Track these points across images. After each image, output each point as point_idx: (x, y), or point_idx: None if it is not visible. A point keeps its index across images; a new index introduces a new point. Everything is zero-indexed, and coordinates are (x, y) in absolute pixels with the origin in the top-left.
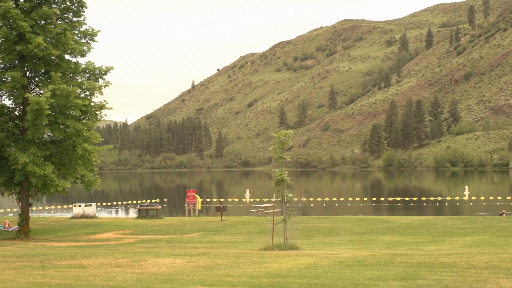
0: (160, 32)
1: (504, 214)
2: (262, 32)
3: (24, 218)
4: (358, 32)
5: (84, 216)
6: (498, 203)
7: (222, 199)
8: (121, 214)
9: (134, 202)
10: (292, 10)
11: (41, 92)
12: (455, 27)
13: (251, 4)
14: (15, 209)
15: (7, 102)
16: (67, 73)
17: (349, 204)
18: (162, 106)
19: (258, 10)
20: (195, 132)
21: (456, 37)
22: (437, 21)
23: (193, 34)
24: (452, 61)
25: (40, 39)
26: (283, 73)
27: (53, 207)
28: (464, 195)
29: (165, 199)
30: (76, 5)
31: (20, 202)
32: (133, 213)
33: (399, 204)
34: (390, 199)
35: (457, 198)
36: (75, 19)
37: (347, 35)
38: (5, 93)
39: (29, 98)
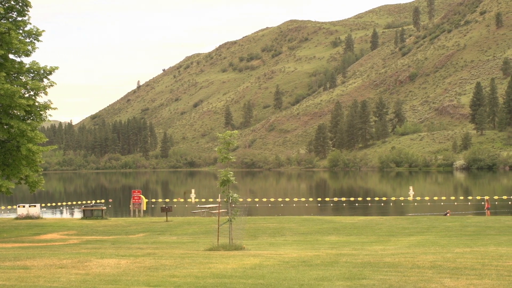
0: (105, 32)
1: (448, 214)
2: (207, 32)
3: None
4: (303, 32)
5: (28, 217)
6: (442, 203)
7: (167, 200)
8: (66, 214)
9: (79, 202)
10: (238, 10)
11: None
12: (400, 28)
13: (197, 4)
14: None
15: None
16: (11, 72)
17: (294, 205)
18: (107, 106)
19: (203, 10)
20: (141, 133)
21: (401, 38)
22: (382, 22)
23: (139, 34)
24: (397, 62)
25: None
26: (228, 73)
27: None
28: (409, 195)
29: (110, 200)
30: (20, 4)
31: None
32: (78, 214)
33: (344, 204)
34: (335, 199)
35: (401, 198)
36: (19, 19)
37: (292, 35)
38: None
39: None
